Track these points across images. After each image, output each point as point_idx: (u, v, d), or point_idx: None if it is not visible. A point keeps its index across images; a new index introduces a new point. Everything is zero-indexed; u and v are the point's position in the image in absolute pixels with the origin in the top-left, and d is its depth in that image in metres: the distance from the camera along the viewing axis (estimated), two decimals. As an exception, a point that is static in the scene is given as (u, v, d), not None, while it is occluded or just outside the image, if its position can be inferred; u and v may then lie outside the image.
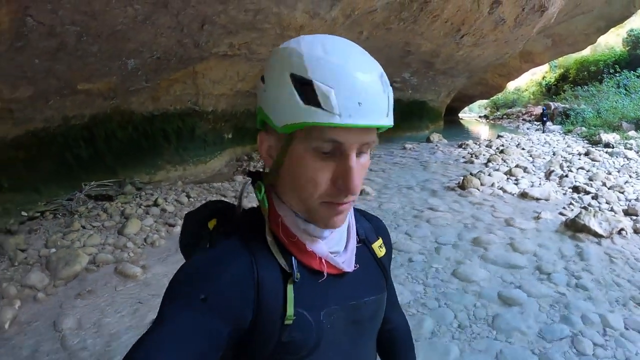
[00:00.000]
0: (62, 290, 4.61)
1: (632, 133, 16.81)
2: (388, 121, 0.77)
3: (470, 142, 15.86)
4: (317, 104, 0.70)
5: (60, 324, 3.94)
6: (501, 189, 8.84)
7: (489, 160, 12.19)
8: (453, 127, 26.49)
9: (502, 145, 14.80)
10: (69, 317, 4.05)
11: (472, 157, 13.09)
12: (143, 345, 0.68)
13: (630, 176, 10.11)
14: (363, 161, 0.80)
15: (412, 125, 19.76)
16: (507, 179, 9.70)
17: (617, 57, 30.26)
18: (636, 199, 8.05)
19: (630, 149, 13.75)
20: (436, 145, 15.52)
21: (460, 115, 38.02)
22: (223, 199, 4.99)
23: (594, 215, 6.37)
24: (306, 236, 0.86)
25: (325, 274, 0.87)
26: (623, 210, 7.44)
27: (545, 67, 37.88)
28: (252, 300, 0.79)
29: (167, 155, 9.22)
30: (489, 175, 9.47)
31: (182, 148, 9.40)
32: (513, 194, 8.58)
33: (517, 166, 10.88)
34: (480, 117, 44.43)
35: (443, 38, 13.12)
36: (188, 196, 7.48)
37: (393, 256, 1.30)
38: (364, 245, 1.03)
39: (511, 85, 39.79)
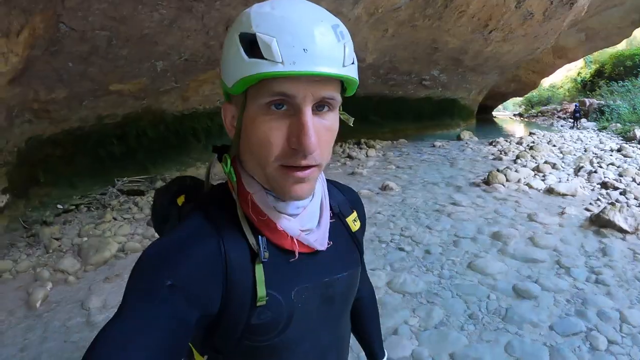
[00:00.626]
0: (92, 275, 4.89)
1: (667, 129, 16.16)
2: (345, 72, 0.72)
3: (501, 139, 15.57)
4: (260, 55, 0.68)
5: (88, 303, 4.22)
6: (527, 184, 8.66)
7: (517, 157, 11.96)
8: (486, 125, 26.02)
9: (533, 142, 14.48)
10: (96, 297, 4.32)
11: (501, 154, 12.87)
12: (104, 339, 0.64)
13: (663, 172, 9.75)
14: (326, 123, 0.76)
15: (443, 124, 19.54)
16: (535, 175, 9.51)
17: None
18: (667, 195, 7.77)
19: (666, 144, 13.29)
20: (466, 143, 15.31)
21: (494, 113, 37.33)
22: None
23: (620, 211, 6.18)
24: (276, 214, 0.83)
25: (297, 254, 0.84)
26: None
27: (580, 63, 36.88)
28: (221, 284, 0.76)
29: (196, 152, 9.44)
30: (516, 171, 9.29)
31: (211, 146, 9.60)
32: (539, 190, 8.40)
33: (545, 162, 10.64)
34: (514, 115, 43.54)
35: (470, 34, 12.92)
36: None
37: (410, 248, 1.25)
38: (338, 219, 1.00)
39: (545, 82, 38.91)
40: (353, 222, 1.03)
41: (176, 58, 7.38)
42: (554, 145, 14.29)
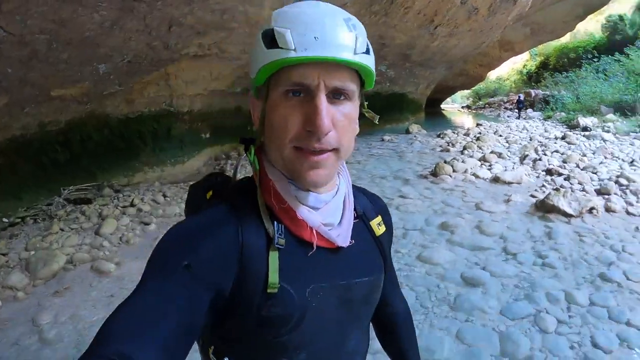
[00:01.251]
0: (41, 289, 4.72)
1: (610, 116, 17.10)
2: (357, 59, 0.76)
3: (449, 131, 15.98)
4: (276, 45, 0.74)
5: (39, 319, 4.08)
6: (474, 174, 8.90)
7: (464, 148, 12.27)
8: (435, 118, 26.68)
9: (480, 133, 14.91)
10: (47, 312, 4.19)
11: (448, 145, 13.19)
12: (120, 315, 0.66)
13: (606, 157, 10.29)
14: (343, 110, 0.80)
15: (392, 118, 19.82)
16: (481, 165, 9.78)
17: (596, 43, 30.85)
18: (609, 179, 8.17)
19: (608, 131, 14.03)
20: (415, 136, 15.61)
21: (442, 106, 38.37)
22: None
23: (564, 196, 6.43)
24: (297, 203, 0.85)
25: (315, 246, 0.85)
26: (595, 190, 7.53)
27: (525, 56, 38.51)
28: (235, 266, 0.78)
29: (144, 156, 9.22)
30: (463, 162, 9.52)
31: (159, 149, 9.40)
32: (486, 179, 8.65)
33: (492, 152, 10.96)
34: (462, 107, 44.91)
35: (417, 30, 13.19)
36: (164, 195, 7.49)
37: None
38: (361, 221, 0.99)
39: (492, 75, 40.34)
40: (377, 225, 1.03)
41: (119, 60, 7.19)
42: (500, 135, 14.78)
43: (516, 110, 26.21)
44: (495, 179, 8.48)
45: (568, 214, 6.23)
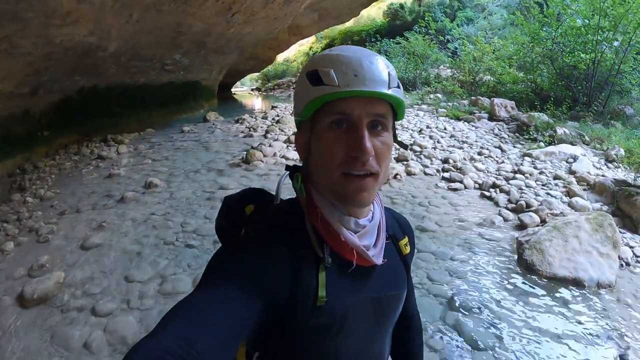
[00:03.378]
0: None
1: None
2: (391, 92, 0.94)
3: (246, 116, 16.46)
4: (322, 83, 0.93)
5: None
6: (283, 157, 9.71)
7: (267, 132, 12.89)
8: (228, 103, 26.89)
9: (277, 116, 15.80)
10: None
11: (250, 130, 13.69)
12: (181, 305, 0.80)
13: (397, 128, 11.99)
14: (382, 139, 0.97)
15: (187, 107, 19.74)
16: (287, 146, 10.60)
17: (378, 27, 35.07)
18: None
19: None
20: (214, 124, 15.74)
21: (233, 90, 38.96)
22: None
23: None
24: (340, 227, 1.00)
25: (355, 264, 1.01)
26: (395, 158, 8.92)
27: (312, 39, 41.60)
28: (289, 282, 0.93)
29: None
30: (270, 146, 10.21)
31: None
32: (295, 160, 9.36)
33: (293, 133, 11.88)
34: (252, 90, 46.17)
35: (215, 17, 13.42)
36: None
37: (198, 242, 1.38)
38: (391, 242, 1.18)
39: (280, 57, 42.58)
40: (405, 246, 1.23)
41: None
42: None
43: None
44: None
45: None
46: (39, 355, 3.71)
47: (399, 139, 1.10)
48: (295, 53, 47.34)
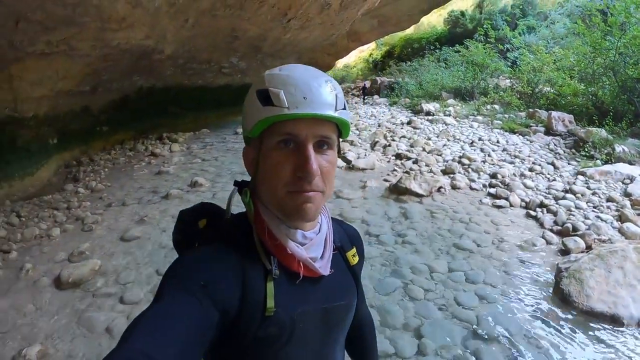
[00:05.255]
0: None
1: (451, 101, 19.22)
2: (337, 115, 0.97)
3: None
4: (271, 103, 0.94)
5: None
6: (328, 162, 9.59)
7: (316, 138, 13.00)
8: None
9: (329, 122, 15.83)
10: None
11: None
12: (142, 319, 0.81)
13: (448, 139, 11.80)
14: (327, 157, 1.00)
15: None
16: (330, 152, 10.53)
17: (439, 35, 34.75)
18: (452, 159, 9.47)
19: (449, 115, 15.82)
20: (268, 127, 16.03)
21: (291, 95, 39.55)
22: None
23: (414, 178, 7.40)
24: (287, 240, 1.02)
25: (302, 276, 1.03)
26: (441, 171, 8.74)
27: (372, 45, 41.60)
28: (239, 293, 0.94)
29: None
30: (317, 152, 10.15)
31: (5, 162, 8.53)
32: (340, 167, 9.45)
33: (343, 140, 11.78)
34: (311, 95, 46.74)
35: (270, 22, 13.57)
36: (19, 216, 6.90)
37: None
38: (339, 253, 1.20)
39: (340, 63, 42.73)
40: (352, 256, 1.25)
41: None
42: (351, 123, 15.81)
43: (362, 97, 28.44)
44: (350, 167, 9.34)
45: (419, 194, 7.19)
46: (64, 333, 4.01)
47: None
48: (355, 59, 47.34)
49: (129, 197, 7.66)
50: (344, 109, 1.01)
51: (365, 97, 27.11)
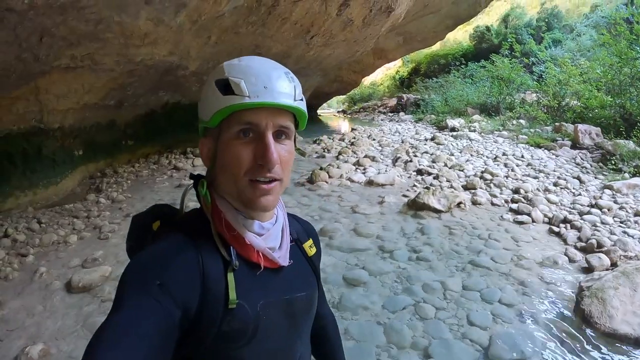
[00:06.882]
0: None
1: (476, 117, 19.03)
2: (296, 104, 1.00)
3: (324, 137, 16.63)
4: (232, 92, 0.95)
5: None
6: (349, 179, 9.53)
7: (339, 153, 12.95)
8: (311, 124, 27.24)
9: (354, 138, 15.77)
10: None
11: (324, 151, 13.81)
12: (104, 330, 0.78)
13: (472, 155, 11.57)
14: (285, 147, 1.02)
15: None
16: (356, 169, 10.47)
17: (464, 50, 34.47)
18: (474, 175, 9.22)
19: (474, 131, 15.59)
20: (291, 144, 16.09)
21: (319, 111, 39.55)
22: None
23: (433, 194, 7.20)
24: (245, 230, 1.03)
25: (262, 266, 1.04)
26: (462, 186, 8.50)
27: (398, 62, 41.51)
28: (199, 287, 0.93)
29: (14, 180, 8.52)
30: (338, 167, 10.10)
31: (30, 170, 8.76)
32: (360, 183, 9.32)
33: (365, 156, 11.75)
34: (338, 112, 46.70)
35: (293, 40, 13.59)
36: (39, 222, 7.05)
37: None
38: (296, 244, 1.21)
39: (367, 81, 42.77)
40: (309, 247, 1.26)
41: None
42: (374, 139, 15.76)
43: (390, 114, 28.45)
44: (370, 182, 9.17)
45: (438, 210, 6.98)
46: (69, 334, 4.05)
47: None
48: (382, 77, 47.22)
49: (148, 209, 7.62)
50: (302, 100, 1.04)
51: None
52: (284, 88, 0.98)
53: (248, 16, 10.45)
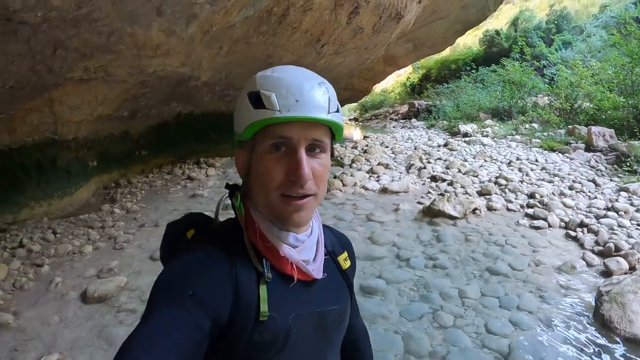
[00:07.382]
0: None
1: (488, 122, 18.85)
2: (330, 117, 0.97)
3: (337, 145, 16.60)
4: (263, 106, 0.94)
5: None
6: (363, 187, 9.46)
7: (353, 161, 12.89)
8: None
9: (367, 146, 15.72)
10: None
11: (337, 160, 13.78)
12: (135, 338, 0.79)
13: (485, 160, 11.46)
14: (319, 161, 1.00)
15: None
16: (369, 177, 10.40)
17: (475, 55, 34.11)
18: (489, 180, 9.14)
19: (487, 136, 15.48)
20: (304, 152, 16.12)
21: (330, 120, 39.69)
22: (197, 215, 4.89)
23: (448, 200, 7.13)
24: (279, 242, 1.01)
25: (296, 279, 1.02)
26: (477, 192, 8.43)
27: (409, 69, 41.38)
28: (231, 297, 0.92)
29: (29, 191, 8.64)
30: (351, 175, 10.05)
31: (45, 181, 8.87)
32: (374, 191, 9.25)
33: (379, 164, 11.68)
34: (350, 119, 46.68)
35: (304, 49, 13.62)
36: (54, 232, 7.12)
37: None
38: (330, 257, 1.19)
39: (377, 88, 42.74)
40: (344, 260, 1.23)
41: (0, 86, 6.79)
42: (387, 147, 15.68)
43: (402, 120, 28.42)
44: (384, 190, 9.10)
45: (453, 216, 6.91)
46: (84, 344, 4.07)
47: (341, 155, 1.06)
48: (393, 84, 47.14)
49: (162, 219, 7.68)
50: (337, 111, 1.01)
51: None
52: (317, 100, 0.95)
53: (259, 26, 10.49)
